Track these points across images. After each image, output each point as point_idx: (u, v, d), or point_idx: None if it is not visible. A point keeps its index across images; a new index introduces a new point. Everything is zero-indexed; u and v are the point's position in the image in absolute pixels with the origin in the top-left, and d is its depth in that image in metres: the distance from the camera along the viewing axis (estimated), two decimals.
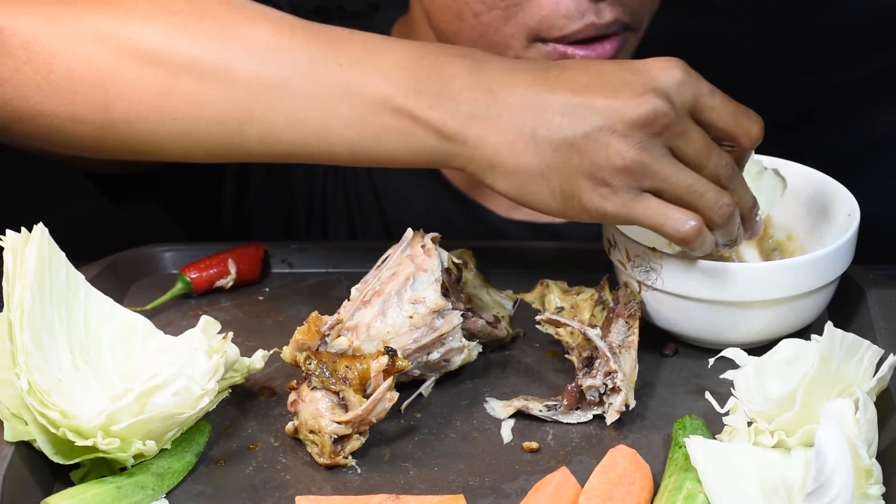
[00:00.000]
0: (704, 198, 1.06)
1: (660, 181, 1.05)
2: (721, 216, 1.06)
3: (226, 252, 1.27)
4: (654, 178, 1.04)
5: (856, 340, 0.99)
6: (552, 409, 1.09)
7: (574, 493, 0.98)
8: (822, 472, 0.90)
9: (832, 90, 1.77)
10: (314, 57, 1.08)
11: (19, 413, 1.01)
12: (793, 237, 1.22)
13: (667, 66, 1.06)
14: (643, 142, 1.03)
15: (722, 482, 0.97)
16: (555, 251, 1.30)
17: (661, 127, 1.03)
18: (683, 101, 1.05)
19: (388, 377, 1.04)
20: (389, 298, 1.09)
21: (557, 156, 1.05)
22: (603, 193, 1.05)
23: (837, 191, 1.19)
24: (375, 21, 1.49)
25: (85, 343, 1.06)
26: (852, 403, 0.97)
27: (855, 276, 1.18)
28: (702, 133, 1.06)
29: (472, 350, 1.12)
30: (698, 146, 1.06)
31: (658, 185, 1.05)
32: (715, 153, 1.07)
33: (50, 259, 1.05)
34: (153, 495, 1.01)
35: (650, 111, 1.03)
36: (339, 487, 1.03)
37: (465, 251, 1.22)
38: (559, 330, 1.14)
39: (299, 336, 1.07)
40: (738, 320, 1.12)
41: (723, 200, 1.06)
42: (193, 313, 1.23)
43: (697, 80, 1.06)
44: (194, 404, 1.03)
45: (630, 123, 1.03)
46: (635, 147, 1.03)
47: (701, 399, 1.08)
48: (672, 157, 1.05)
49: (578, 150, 1.04)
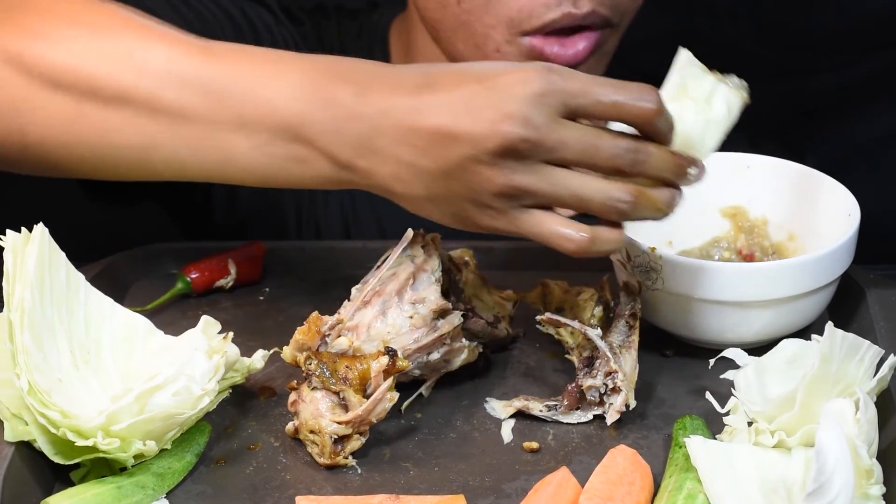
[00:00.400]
0: (593, 201, 1.02)
1: (540, 198, 1.02)
2: (618, 212, 1.03)
3: (226, 252, 1.27)
4: (533, 197, 1.02)
5: (856, 340, 0.99)
6: (552, 409, 1.09)
7: (574, 493, 0.98)
8: (822, 472, 0.90)
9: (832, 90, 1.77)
10: (209, 85, 1.08)
11: (19, 413, 1.01)
12: (793, 237, 1.22)
13: (524, 80, 1.01)
14: (511, 167, 1.01)
15: (722, 482, 0.97)
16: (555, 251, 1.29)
17: (525, 151, 1.00)
18: (549, 114, 1.00)
19: (389, 377, 1.04)
20: (390, 298, 1.09)
21: (438, 184, 1.04)
22: (490, 214, 1.04)
23: (837, 191, 1.19)
24: (374, 18, 1.49)
25: (85, 343, 1.06)
26: (852, 403, 0.97)
27: (855, 276, 1.18)
28: (581, 133, 1.01)
29: (473, 350, 1.12)
30: (578, 149, 1.01)
31: (539, 201, 1.02)
32: (604, 146, 1.02)
33: (50, 259, 1.05)
34: (153, 495, 1.01)
35: (509, 140, 1.00)
36: (339, 487, 1.03)
37: (466, 251, 1.22)
38: (559, 330, 1.13)
39: (299, 336, 1.07)
40: (738, 320, 1.12)
41: (614, 196, 1.02)
42: (193, 313, 1.22)
43: (563, 84, 1.01)
44: (194, 404, 1.03)
45: (492, 153, 1.01)
46: (504, 174, 1.01)
47: (701, 399, 1.08)
48: (550, 169, 1.02)
49: (455, 178, 1.03)
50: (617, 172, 1.03)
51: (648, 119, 1.02)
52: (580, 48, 1.26)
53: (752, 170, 1.23)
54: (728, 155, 1.24)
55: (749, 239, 1.23)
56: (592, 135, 1.02)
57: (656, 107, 1.02)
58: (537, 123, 1.00)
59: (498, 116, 1.00)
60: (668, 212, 1.05)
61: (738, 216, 1.23)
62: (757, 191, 1.23)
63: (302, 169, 1.08)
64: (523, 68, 1.02)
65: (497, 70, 1.03)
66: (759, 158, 1.24)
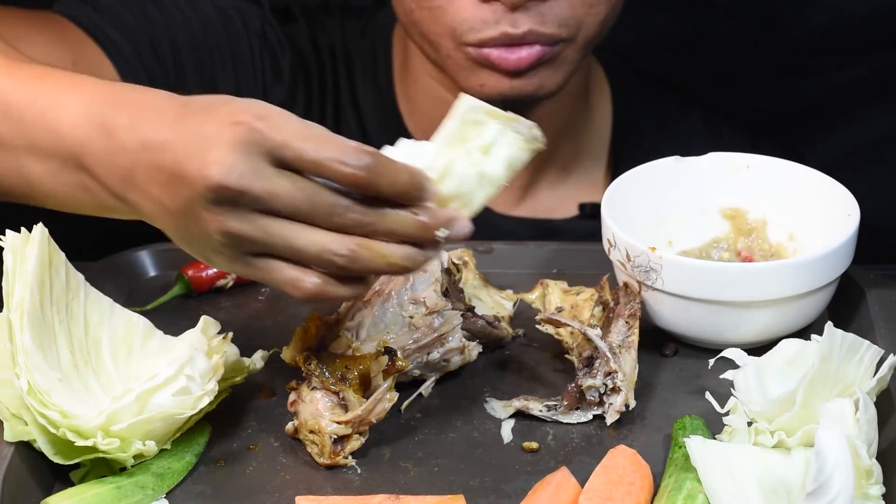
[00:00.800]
0: (307, 252, 0.98)
1: (259, 247, 0.99)
2: (338, 266, 0.98)
3: None
4: (252, 245, 0.99)
5: (856, 340, 0.99)
6: (552, 410, 1.09)
7: (574, 494, 0.98)
8: (822, 472, 0.90)
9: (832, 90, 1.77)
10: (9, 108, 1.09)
11: (19, 413, 1.01)
12: (793, 237, 1.22)
13: (234, 124, 0.98)
14: (223, 213, 0.98)
15: (722, 482, 0.97)
16: (555, 251, 1.30)
17: (230, 198, 0.97)
18: (256, 162, 0.97)
19: (388, 377, 1.04)
20: (389, 299, 1.09)
21: (180, 224, 1.02)
22: (224, 258, 1.01)
23: (837, 191, 1.19)
24: (379, 17, 1.50)
25: (85, 343, 1.06)
26: (852, 403, 0.97)
27: (855, 276, 1.18)
28: (296, 187, 0.97)
29: (472, 350, 1.12)
30: (290, 203, 0.97)
31: (260, 249, 0.99)
32: (321, 203, 0.98)
33: (50, 259, 1.05)
34: (153, 495, 1.01)
35: (212, 183, 0.97)
36: (339, 487, 1.03)
37: (465, 251, 1.22)
38: (559, 330, 1.13)
39: (299, 336, 1.07)
40: (738, 320, 1.12)
41: (329, 249, 0.98)
42: (193, 313, 1.22)
43: (268, 134, 0.97)
44: (194, 404, 1.03)
45: (204, 198, 0.98)
46: (218, 220, 0.98)
47: (701, 399, 1.08)
48: (264, 218, 0.98)
49: (188, 219, 1.01)
50: (340, 230, 0.98)
51: (354, 182, 0.97)
52: (523, 55, 1.28)
53: (752, 170, 1.23)
54: (728, 155, 1.24)
55: (748, 241, 1.23)
56: (309, 190, 0.98)
57: (363, 170, 0.96)
58: (241, 171, 0.97)
59: (203, 161, 0.98)
60: (410, 266, 1.00)
61: (737, 218, 1.23)
62: (757, 191, 1.23)
63: (90, 198, 1.08)
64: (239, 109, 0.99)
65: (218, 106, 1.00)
66: (759, 158, 1.24)
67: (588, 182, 1.51)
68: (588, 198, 1.49)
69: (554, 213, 1.49)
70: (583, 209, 1.48)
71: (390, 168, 0.98)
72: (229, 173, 0.96)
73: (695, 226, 1.24)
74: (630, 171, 1.22)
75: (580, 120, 1.49)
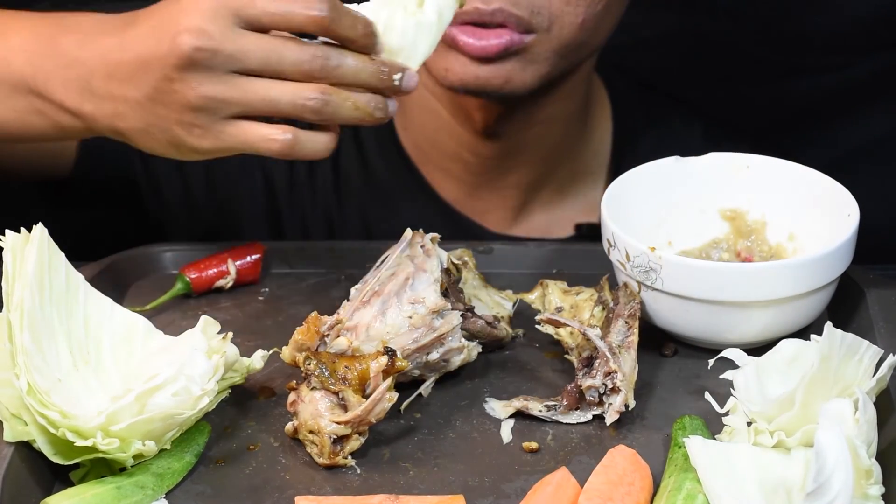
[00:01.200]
0: (282, 102, 1.08)
1: (235, 107, 1.08)
2: (310, 110, 1.08)
3: (225, 252, 1.27)
4: (228, 106, 1.08)
5: (855, 340, 0.99)
6: (552, 410, 1.09)
7: (574, 494, 0.98)
8: (821, 473, 0.90)
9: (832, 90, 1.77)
10: None
11: (19, 413, 1.01)
12: (793, 237, 1.22)
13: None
14: (198, 79, 1.07)
15: (722, 482, 0.97)
16: (555, 251, 1.30)
17: (204, 60, 1.07)
18: (224, 25, 1.07)
19: (388, 377, 1.04)
20: (389, 299, 1.09)
21: (148, 113, 1.11)
22: (197, 133, 1.10)
23: (837, 191, 1.19)
24: None
25: (85, 343, 1.06)
26: (852, 403, 0.97)
27: (855, 276, 1.18)
28: (260, 42, 1.07)
29: (472, 350, 1.12)
30: (261, 56, 1.07)
31: (236, 110, 1.08)
32: (288, 53, 1.08)
33: (50, 259, 1.05)
34: (153, 495, 1.01)
35: (185, 52, 1.06)
36: (338, 487, 1.03)
37: (465, 251, 1.22)
38: (559, 330, 1.13)
39: (299, 336, 1.07)
40: (738, 320, 1.12)
41: (302, 95, 1.08)
42: (193, 313, 1.22)
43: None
44: (194, 404, 1.03)
45: (176, 67, 1.07)
46: (192, 87, 1.07)
47: (701, 399, 1.08)
48: (238, 77, 1.08)
49: (158, 103, 1.10)
50: (308, 79, 1.08)
51: (321, 26, 1.07)
52: (492, 43, 1.27)
53: (751, 170, 1.23)
54: (728, 155, 1.24)
55: (748, 243, 1.23)
56: (276, 43, 1.08)
57: (326, 14, 1.07)
58: (211, 33, 1.06)
59: (174, 32, 1.07)
60: (374, 115, 1.10)
61: (737, 220, 1.23)
62: (756, 191, 1.23)
63: (43, 121, 1.16)
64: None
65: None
66: (758, 158, 1.24)
67: (585, 202, 1.50)
68: (585, 218, 1.49)
69: (549, 232, 1.49)
70: (579, 229, 1.48)
71: (348, 13, 1.08)
72: (200, 37, 1.06)
73: (694, 226, 1.24)
74: (630, 172, 1.22)
75: (577, 143, 1.48)
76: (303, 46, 1.08)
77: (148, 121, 1.11)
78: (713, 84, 1.76)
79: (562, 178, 1.49)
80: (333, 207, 1.49)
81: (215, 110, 1.08)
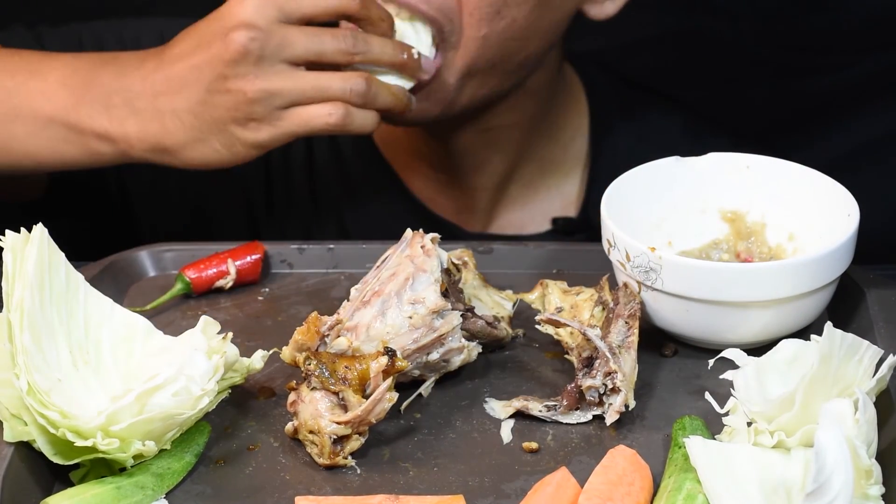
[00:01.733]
0: (332, 89, 1.19)
1: (288, 95, 1.19)
2: (357, 94, 1.20)
3: (225, 252, 1.27)
4: (281, 96, 1.18)
5: (855, 341, 0.99)
6: (552, 410, 1.09)
7: (574, 494, 0.98)
8: (821, 473, 0.90)
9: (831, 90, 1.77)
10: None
11: (19, 413, 1.01)
12: (793, 237, 1.22)
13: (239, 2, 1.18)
14: (251, 72, 1.17)
15: (722, 482, 0.97)
16: (555, 251, 1.30)
17: (257, 51, 1.17)
18: (269, 18, 1.17)
19: (388, 377, 1.04)
20: (389, 299, 1.09)
21: (200, 119, 1.20)
22: (252, 128, 1.20)
23: (837, 191, 1.19)
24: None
25: (85, 343, 1.06)
26: (852, 404, 0.97)
27: (855, 276, 1.18)
28: (303, 32, 1.19)
29: (472, 350, 1.12)
30: (304, 46, 1.19)
31: (289, 98, 1.19)
32: (327, 41, 1.20)
33: (50, 259, 1.05)
34: (153, 495, 1.01)
35: (239, 45, 1.16)
36: (338, 488, 1.03)
37: (465, 251, 1.22)
38: (559, 330, 1.13)
39: (299, 336, 1.07)
40: (738, 320, 1.12)
41: (350, 82, 1.20)
42: (193, 313, 1.22)
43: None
44: (194, 404, 1.03)
45: (230, 63, 1.17)
46: (249, 81, 1.18)
47: (701, 399, 1.08)
48: (290, 69, 1.19)
49: (211, 105, 1.19)
50: (345, 59, 1.20)
51: (354, 11, 1.21)
52: None
53: (751, 170, 1.23)
54: (728, 155, 1.24)
55: (748, 244, 1.23)
56: (314, 31, 1.19)
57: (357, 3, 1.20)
58: (260, 26, 1.17)
59: (225, 31, 1.18)
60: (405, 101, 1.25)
61: (737, 221, 1.23)
62: (756, 191, 1.23)
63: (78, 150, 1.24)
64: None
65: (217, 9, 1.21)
66: (758, 158, 1.23)
67: (560, 196, 1.51)
68: (561, 212, 1.49)
69: (525, 228, 1.49)
70: (555, 223, 1.48)
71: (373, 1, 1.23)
72: (251, 30, 1.17)
73: (694, 226, 1.24)
74: (630, 171, 1.22)
75: (543, 140, 1.48)
76: (337, 32, 1.20)
77: (200, 128, 1.20)
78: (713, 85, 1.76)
79: (531, 175, 1.49)
80: (311, 214, 1.50)
81: (271, 101, 1.18)
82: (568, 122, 1.50)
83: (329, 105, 1.20)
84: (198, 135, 1.21)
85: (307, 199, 1.50)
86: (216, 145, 1.21)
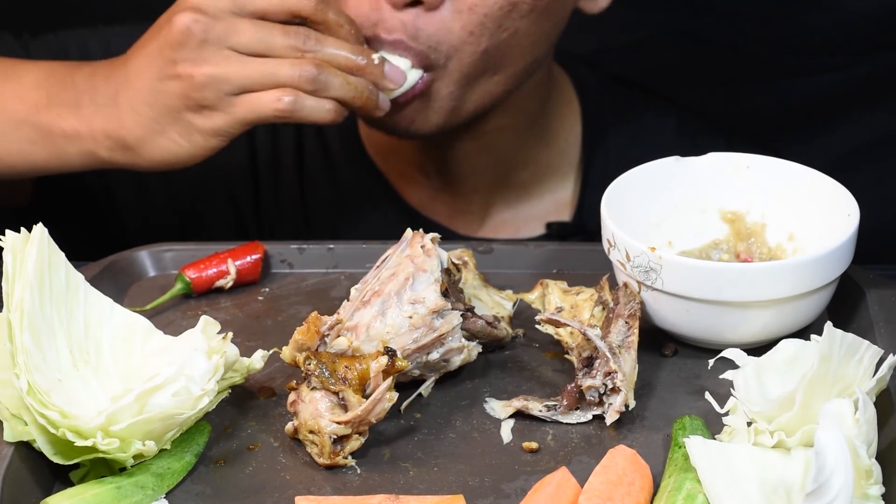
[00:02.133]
0: (280, 74, 1.18)
1: (236, 80, 1.17)
2: (305, 80, 1.18)
3: (225, 252, 1.27)
4: (229, 81, 1.17)
5: (855, 340, 0.99)
6: (552, 410, 1.09)
7: (574, 494, 0.98)
8: (821, 473, 0.90)
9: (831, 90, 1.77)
10: None
11: (19, 413, 1.01)
12: (793, 237, 1.22)
13: None
14: (197, 55, 1.17)
15: (722, 482, 0.97)
16: (555, 251, 1.30)
17: (200, 34, 1.16)
18: (219, 7, 1.17)
19: (388, 377, 1.04)
20: (389, 299, 1.09)
21: (154, 109, 1.19)
22: (206, 115, 1.19)
23: (837, 191, 1.19)
24: None
25: (85, 343, 1.06)
26: (852, 403, 0.97)
27: (855, 276, 1.18)
28: (252, 23, 1.18)
29: (472, 350, 1.12)
30: (251, 36, 1.17)
31: (238, 84, 1.17)
32: (276, 35, 1.18)
33: (50, 259, 1.05)
34: (153, 495, 1.01)
35: (181, 26, 1.16)
36: (338, 488, 1.03)
37: (465, 251, 1.22)
38: (559, 330, 1.13)
39: (299, 336, 1.07)
40: (738, 320, 1.12)
41: (298, 68, 1.18)
42: (193, 313, 1.22)
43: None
44: (194, 404, 1.03)
45: (175, 45, 1.17)
46: (195, 64, 1.17)
47: (701, 399, 1.08)
48: (237, 56, 1.18)
49: (163, 93, 1.18)
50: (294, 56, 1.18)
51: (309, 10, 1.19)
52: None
53: (751, 170, 1.23)
54: (728, 155, 1.24)
55: (748, 244, 1.23)
56: (265, 24, 1.18)
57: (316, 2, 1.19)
58: (207, 11, 1.17)
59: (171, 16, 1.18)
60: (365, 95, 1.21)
61: (737, 222, 1.23)
62: (756, 191, 1.23)
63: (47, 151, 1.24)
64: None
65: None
66: (758, 158, 1.24)
67: (554, 200, 1.50)
68: (555, 216, 1.49)
69: (519, 232, 1.49)
70: (550, 228, 1.48)
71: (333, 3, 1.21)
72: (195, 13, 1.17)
73: (694, 226, 1.24)
74: (630, 171, 1.22)
75: (538, 145, 1.48)
76: (289, 28, 1.18)
77: (156, 119, 1.19)
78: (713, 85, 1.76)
79: (525, 179, 1.49)
80: (301, 221, 1.50)
81: (219, 86, 1.17)
82: (561, 123, 1.50)
83: (278, 91, 1.18)
84: (155, 126, 1.20)
85: (298, 205, 1.50)
86: (174, 136, 1.20)
